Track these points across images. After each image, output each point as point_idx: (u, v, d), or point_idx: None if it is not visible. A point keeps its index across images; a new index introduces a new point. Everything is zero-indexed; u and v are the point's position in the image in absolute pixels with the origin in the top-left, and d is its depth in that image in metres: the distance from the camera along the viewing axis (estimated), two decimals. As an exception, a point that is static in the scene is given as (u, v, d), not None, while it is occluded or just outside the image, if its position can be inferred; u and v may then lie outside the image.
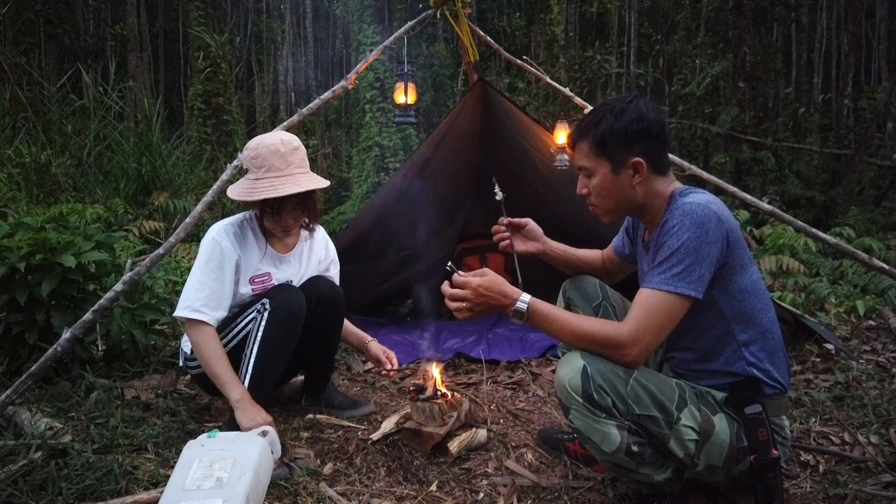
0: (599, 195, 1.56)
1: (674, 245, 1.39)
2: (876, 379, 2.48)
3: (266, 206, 1.99)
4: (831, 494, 1.66)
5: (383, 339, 3.27)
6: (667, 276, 1.39)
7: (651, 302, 1.41)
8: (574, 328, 1.45)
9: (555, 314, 1.48)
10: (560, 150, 2.99)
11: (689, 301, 1.40)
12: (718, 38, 9.58)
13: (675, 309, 1.40)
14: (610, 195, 1.54)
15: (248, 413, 1.83)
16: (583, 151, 1.54)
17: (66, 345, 2.13)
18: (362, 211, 3.69)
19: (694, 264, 1.37)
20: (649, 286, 1.42)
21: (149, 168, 6.34)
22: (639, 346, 1.40)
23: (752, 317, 1.47)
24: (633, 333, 1.39)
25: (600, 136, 1.49)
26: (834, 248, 2.94)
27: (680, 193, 1.49)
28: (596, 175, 1.54)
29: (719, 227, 1.39)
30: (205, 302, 1.95)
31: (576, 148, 1.57)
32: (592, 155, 1.52)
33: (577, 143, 1.56)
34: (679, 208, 1.42)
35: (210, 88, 9.37)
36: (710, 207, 1.40)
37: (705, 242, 1.37)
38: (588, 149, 1.53)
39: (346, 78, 3.00)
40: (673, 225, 1.40)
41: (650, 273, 1.44)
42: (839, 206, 7.66)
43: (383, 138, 9.37)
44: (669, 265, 1.39)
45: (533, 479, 1.79)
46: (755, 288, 1.48)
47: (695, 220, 1.38)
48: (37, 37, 11.44)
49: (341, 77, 3.10)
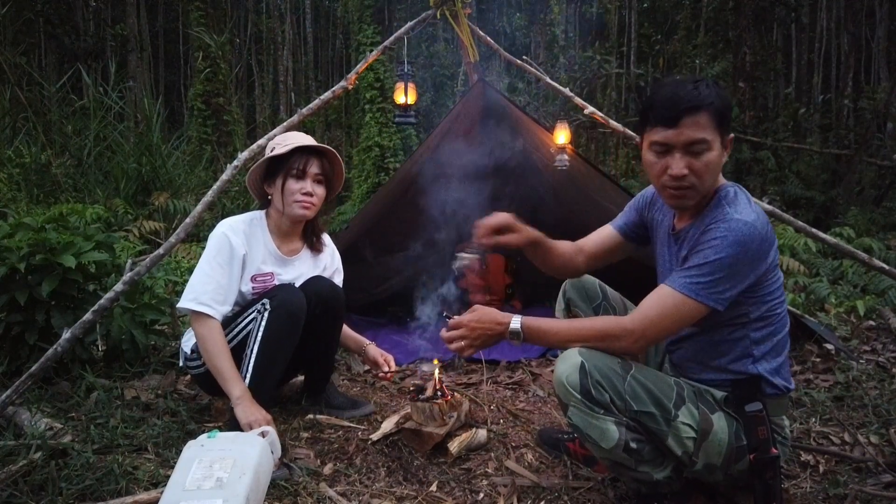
0: (707, 172, 1.42)
1: (710, 256, 1.37)
2: (876, 379, 2.48)
3: (292, 168, 2.06)
4: (831, 494, 1.66)
5: (383, 339, 3.29)
6: (692, 281, 1.38)
7: (667, 301, 1.40)
8: (572, 331, 1.46)
9: (548, 325, 1.49)
10: (560, 150, 2.99)
11: (707, 310, 1.39)
12: (718, 39, 9.59)
13: (690, 314, 1.39)
14: (714, 173, 1.44)
15: (247, 410, 1.83)
16: (699, 124, 1.39)
17: (66, 345, 2.13)
18: (362, 211, 3.70)
19: (723, 279, 1.36)
20: (671, 285, 1.41)
21: (149, 168, 6.34)
22: (640, 336, 1.40)
23: (770, 317, 1.48)
24: (638, 323, 1.40)
25: (721, 109, 1.40)
26: (834, 248, 2.94)
27: (726, 195, 1.45)
28: (713, 149, 1.41)
29: (761, 247, 1.37)
30: (212, 296, 1.96)
31: (684, 122, 1.39)
32: (710, 127, 1.39)
33: (691, 115, 1.39)
34: (727, 221, 1.38)
35: (210, 88, 9.37)
36: (757, 227, 1.36)
37: (742, 263, 1.36)
38: (707, 120, 1.39)
39: (346, 78, 3.00)
40: (715, 237, 1.37)
41: (677, 272, 1.43)
42: (839, 206, 7.66)
43: (383, 138, 9.38)
44: (699, 273, 1.37)
45: (533, 479, 1.79)
46: (781, 293, 1.48)
47: (738, 240, 1.35)
48: (37, 37, 11.45)
49: (341, 77, 3.10)
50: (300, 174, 2.07)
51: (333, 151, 2.16)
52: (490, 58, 10.04)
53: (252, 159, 2.72)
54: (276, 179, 2.08)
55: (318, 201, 2.13)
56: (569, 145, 2.98)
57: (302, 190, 2.07)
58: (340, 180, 2.24)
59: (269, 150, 2.13)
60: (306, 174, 2.08)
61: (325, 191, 2.15)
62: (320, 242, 2.29)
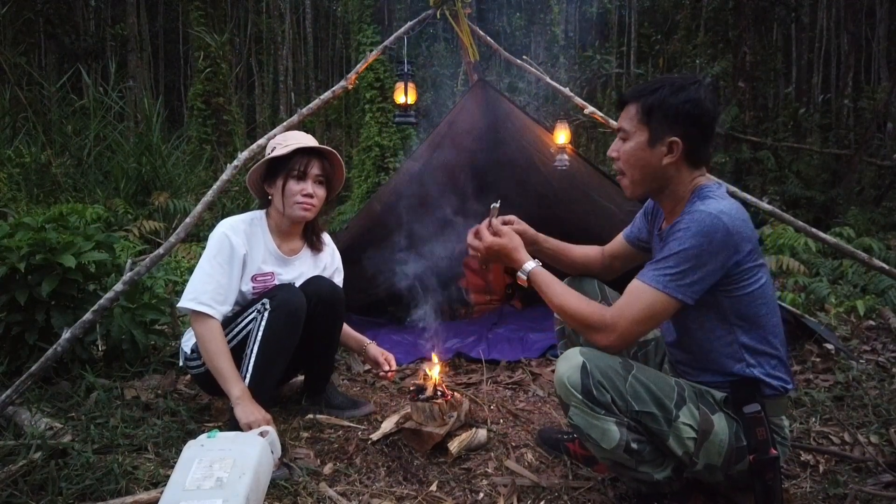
0: (627, 162, 1.53)
1: (675, 248, 1.39)
2: (876, 379, 2.48)
3: (293, 170, 2.06)
4: (831, 494, 1.66)
5: (383, 339, 3.29)
6: (659, 274, 1.40)
7: (638, 294, 1.42)
8: (563, 301, 1.52)
9: (550, 285, 1.56)
10: (560, 149, 2.98)
11: (676, 303, 1.40)
12: (718, 38, 9.58)
13: (660, 307, 1.40)
14: (636, 165, 1.51)
15: (246, 410, 1.83)
16: (628, 114, 1.51)
17: (66, 345, 2.13)
18: (362, 211, 3.70)
19: (689, 270, 1.37)
20: (641, 279, 1.43)
21: (149, 168, 6.34)
22: (616, 332, 1.42)
23: (756, 320, 1.47)
24: (613, 319, 1.43)
25: (650, 105, 1.46)
26: (834, 248, 2.94)
27: (701, 193, 1.47)
28: (631, 140, 1.51)
29: (726, 238, 1.37)
30: (212, 295, 1.96)
31: (623, 108, 1.54)
32: (636, 120, 1.49)
33: (627, 104, 1.53)
34: (691, 213, 1.41)
35: (210, 88, 9.37)
36: (721, 218, 1.37)
37: (707, 252, 1.37)
38: (634, 112, 1.50)
39: (346, 78, 3.00)
40: (681, 228, 1.40)
41: (647, 266, 1.45)
42: (839, 206, 7.66)
43: (383, 138, 9.38)
44: (666, 265, 1.40)
45: (533, 479, 1.79)
46: (763, 293, 1.47)
47: (701, 229, 1.36)
48: (37, 37, 11.45)
49: (341, 77, 3.10)
50: (301, 175, 2.07)
51: (334, 152, 2.16)
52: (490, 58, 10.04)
53: (252, 159, 2.72)
54: (277, 180, 2.08)
55: (319, 202, 2.13)
56: (569, 145, 2.98)
57: (303, 191, 2.07)
58: (341, 181, 2.24)
59: (269, 150, 2.13)
60: (307, 175, 2.08)
61: (325, 192, 2.15)
62: (320, 242, 2.29)
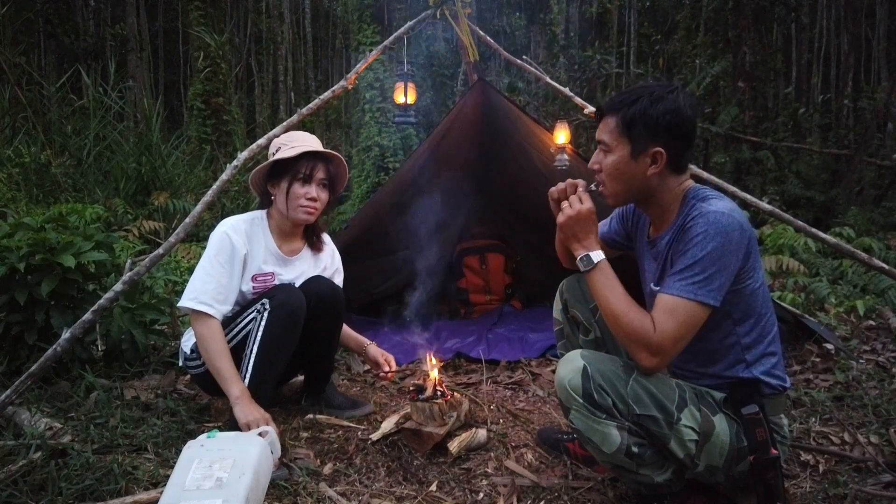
0: (610, 175, 1.51)
1: (698, 254, 1.36)
2: (876, 379, 2.48)
3: (299, 173, 2.05)
4: (831, 494, 1.66)
5: (383, 339, 3.29)
6: (687, 283, 1.37)
7: (673, 310, 1.37)
8: (617, 308, 1.42)
9: (613, 283, 1.46)
10: (560, 150, 2.98)
11: (709, 309, 1.38)
12: (718, 38, 9.58)
13: (696, 318, 1.38)
14: (620, 178, 1.50)
15: (246, 410, 1.83)
16: (608, 126, 1.50)
17: (65, 345, 2.13)
18: (362, 211, 3.69)
19: (716, 274, 1.36)
20: (671, 293, 1.39)
21: (148, 168, 6.33)
22: (662, 356, 1.38)
23: (756, 319, 1.47)
24: (659, 342, 1.36)
25: (630, 117, 1.45)
26: (834, 248, 2.93)
27: (695, 195, 1.47)
28: (613, 153, 1.49)
29: (742, 236, 1.37)
30: (212, 295, 1.96)
31: (602, 121, 1.52)
32: (616, 132, 1.48)
33: (605, 116, 1.51)
34: (703, 216, 1.38)
35: (210, 88, 9.37)
36: (734, 216, 1.37)
37: (728, 252, 1.36)
38: (613, 125, 1.48)
39: (345, 78, 2.99)
40: (697, 233, 1.37)
41: (670, 279, 1.41)
42: (839, 206, 7.66)
43: (383, 138, 9.36)
44: (692, 273, 1.37)
45: (533, 479, 1.79)
46: (762, 290, 1.47)
47: (720, 230, 1.35)
48: (37, 37, 11.45)
49: (341, 77, 3.10)
50: (307, 179, 2.06)
51: (340, 157, 2.15)
52: (490, 58, 10.04)
53: (252, 159, 2.72)
54: (282, 181, 2.07)
55: (322, 206, 2.13)
56: (569, 145, 2.97)
57: (307, 195, 2.06)
58: (343, 184, 2.22)
59: (273, 149, 2.12)
60: (312, 179, 2.07)
61: (328, 195, 2.14)
62: (321, 242, 2.29)
